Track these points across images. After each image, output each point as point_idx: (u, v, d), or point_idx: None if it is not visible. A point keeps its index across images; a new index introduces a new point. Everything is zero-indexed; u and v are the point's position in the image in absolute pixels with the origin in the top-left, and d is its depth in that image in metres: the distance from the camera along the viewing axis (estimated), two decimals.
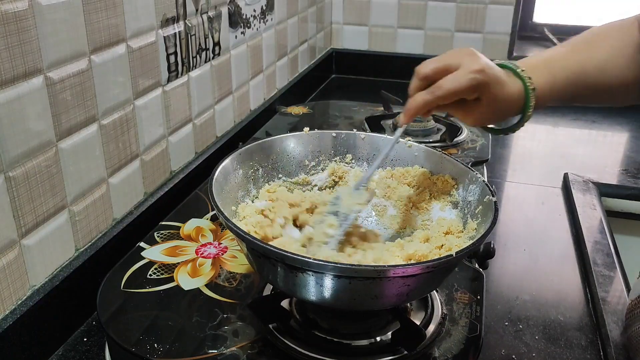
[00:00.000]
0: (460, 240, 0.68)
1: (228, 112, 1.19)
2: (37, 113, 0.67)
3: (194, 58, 1.02)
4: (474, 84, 0.66)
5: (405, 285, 0.58)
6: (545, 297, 0.82)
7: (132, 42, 0.84)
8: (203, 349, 0.65)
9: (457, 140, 1.21)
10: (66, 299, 0.74)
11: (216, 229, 0.88)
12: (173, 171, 1.00)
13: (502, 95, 0.68)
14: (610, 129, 1.48)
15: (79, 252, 0.78)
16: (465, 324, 0.71)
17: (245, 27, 1.20)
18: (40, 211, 0.70)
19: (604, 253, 0.92)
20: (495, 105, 0.68)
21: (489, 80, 0.66)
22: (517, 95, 0.69)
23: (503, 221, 1.03)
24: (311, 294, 0.60)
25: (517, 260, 0.92)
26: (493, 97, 0.67)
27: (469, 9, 1.69)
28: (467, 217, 0.71)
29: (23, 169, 0.67)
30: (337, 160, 0.82)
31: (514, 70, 0.69)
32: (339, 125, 1.29)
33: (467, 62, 0.66)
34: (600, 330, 0.76)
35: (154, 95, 0.91)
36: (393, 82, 1.79)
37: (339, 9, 1.80)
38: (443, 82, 0.66)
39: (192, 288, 0.75)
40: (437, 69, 0.67)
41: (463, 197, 0.73)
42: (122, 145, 0.85)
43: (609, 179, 1.19)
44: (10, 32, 0.62)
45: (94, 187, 0.79)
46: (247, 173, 0.76)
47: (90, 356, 0.72)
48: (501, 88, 0.68)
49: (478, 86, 0.66)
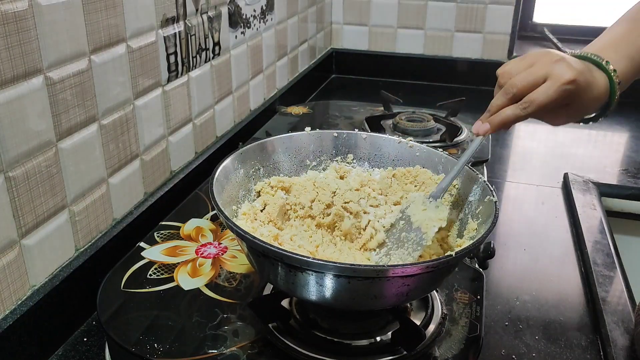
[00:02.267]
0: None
1: (228, 112, 1.19)
2: (37, 113, 0.67)
3: (194, 58, 1.02)
4: (566, 96, 0.64)
5: (405, 285, 0.58)
6: (545, 297, 0.82)
7: (132, 42, 0.84)
8: (203, 349, 0.65)
9: (457, 140, 1.21)
10: (66, 299, 0.74)
11: (216, 229, 0.88)
12: (173, 171, 1.00)
13: (592, 97, 0.66)
14: (610, 129, 1.48)
15: (79, 252, 0.78)
16: (465, 324, 0.71)
17: (245, 27, 1.20)
18: (40, 211, 0.70)
19: (604, 253, 0.92)
20: (583, 107, 0.67)
21: (581, 88, 0.64)
22: (604, 91, 0.67)
23: (503, 221, 1.03)
24: (311, 294, 0.60)
25: (517, 260, 0.92)
26: (582, 101, 0.66)
27: (469, 9, 1.69)
28: (467, 217, 0.71)
29: (23, 169, 0.67)
30: (339, 160, 0.82)
31: (599, 64, 0.67)
32: (339, 125, 1.29)
33: (557, 72, 0.63)
34: (600, 330, 0.76)
35: (154, 95, 0.91)
36: (393, 82, 1.79)
37: (339, 9, 1.80)
38: (535, 96, 0.63)
39: (192, 288, 0.75)
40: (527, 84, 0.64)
41: (463, 197, 0.73)
42: (122, 145, 0.85)
43: (609, 179, 1.19)
44: (10, 32, 0.62)
45: (94, 187, 0.79)
46: (248, 172, 0.76)
47: (90, 356, 0.72)
48: (591, 91, 0.66)
49: (569, 96, 0.64)
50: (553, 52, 0.66)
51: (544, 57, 0.65)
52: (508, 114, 0.65)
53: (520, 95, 0.65)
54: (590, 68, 0.67)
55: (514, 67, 0.66)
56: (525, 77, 0.64)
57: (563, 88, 0.63)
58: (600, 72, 0.67)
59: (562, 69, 0.63)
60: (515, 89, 0.65)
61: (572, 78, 0.63)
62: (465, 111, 1.33)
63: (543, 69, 0.64)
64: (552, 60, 0.64)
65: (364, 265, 0.59)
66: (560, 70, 0.63)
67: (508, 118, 0.65)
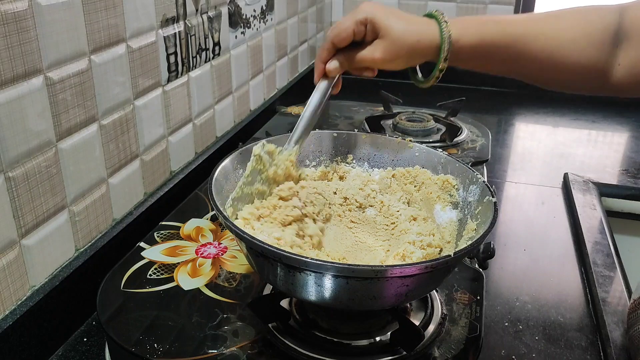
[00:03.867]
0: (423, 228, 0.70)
1: (228, 112, 1.19)
2: (37, 113, 0.67)
3: (194, 58, 1.02)
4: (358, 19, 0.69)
5: (404, 286, 0.58)
6: (545, 298, 0.82)
7: (132, 42, 0.84)
8: (203, 349, 0.65)
9: (457, 140, 1.21)
10: (66, 299, 0.74)
11: (216, 229, 0.88)
12: (173, 171, 1.00)
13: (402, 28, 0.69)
14: (610, 129, 1.48)
15: (79, 252, 0.78)
16: (465, 324, 0.71)
17: (245, 27, 1.20)
18: (40, 211, 0.70)
19: (604, 253, 0.92)
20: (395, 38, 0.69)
21: (375, 13, 0.69)
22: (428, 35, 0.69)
23: (503, 221, 1.03)
24: (310, 294, 0.60)
25: (517, 260, 0.92)
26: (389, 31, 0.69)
27: (469, 9, 1.69)
28: (467, 218, 0.71)
29: (23, 169, 0.67)
30: (338, 160, 0.82)
31: (431, 13, 0.71)
32: (339, 125, 1.29)
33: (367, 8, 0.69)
34: (600, 330, 0.76)
35: (154, 95, 0.91)
36: (393, 82, 1.78)
37: (339, 9, 1.80)
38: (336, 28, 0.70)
39: (192, 288, 0.75)
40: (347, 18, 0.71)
41: (463, 198, 0.73)
42: (122, 145, 0.85)
43: (609, 179, 1.19)
44: (10, 32, 0.62)
45: (94, 187, 0.79)
46: None
47: (90, 356, 0.72)
48: (397, 20, 0.69)
49: (364, 21, 0.69)
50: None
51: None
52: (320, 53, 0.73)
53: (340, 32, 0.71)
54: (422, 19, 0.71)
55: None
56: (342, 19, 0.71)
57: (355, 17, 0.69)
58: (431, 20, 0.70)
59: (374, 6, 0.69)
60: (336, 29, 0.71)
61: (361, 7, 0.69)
62: (465, 111, 1.33)
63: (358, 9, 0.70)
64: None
65: (362, 266, 0.59)
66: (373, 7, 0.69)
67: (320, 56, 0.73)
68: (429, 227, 0.73)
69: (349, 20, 0.70)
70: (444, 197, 0.75)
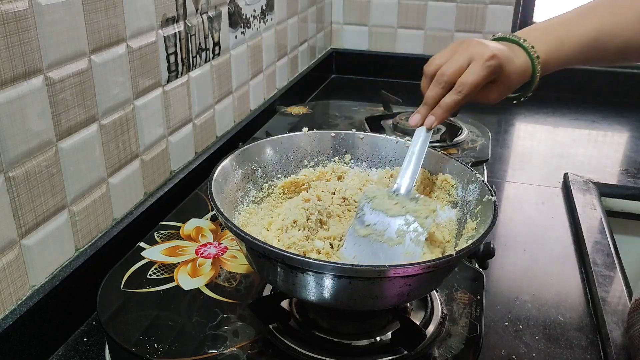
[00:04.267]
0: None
1: (228, 112, 1.19)
2: (37, 113, 0.67)
3: (194, 58, 1.02)
4: (491, 71, 0.69)
5: (406, 285, 0.58)
6: (545, 297, 0.82)
7: (132, 42, 0.84)
8: (203, 349, 0.65)
9: (457, 140, 1.21)
10: (66, 299, 0.74)
11: (216, 229, 0.88)
12: (173, 171, 1.00)
13: (514, 70, 0.72)
14: (610, 129, 1.48)
15: (79, 252, 0.78)
16: (465, 324, 0.71)
17: (245, 27, 1.20)
18: (40, 211, 0.70)
19: (604, 253, 0.92)
20: (509, 81, 0.72)
21: (502, 62, 0.70)
22: (525, 65, 0.73)
23: (503, 221, 1.03)
24: (311, 294, 0.60)
25: (517, 260, 0.92)
26: (507, 75, 0.71)
27: (469, 9, 1.69)
28: (466, 217, 0.71)
29: (23, 169, 0.67)
30: (337, 160, 0.82)
31: (516, 42, 0.73)
32: (339, 125, 1.29)
33: (478, 52, 0.69)
34: (600, 330, 0.76)
35: (154, 95, 0.91)
36: (393, 82, 1.79)
37: (339, 9, 1.80)
38: (465, 78, 0.69)
39: (192, 288, 0.75)
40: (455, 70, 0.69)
41: (462, 197, 0.73)
42: (122, 145, 0.85)
43: (609, 179, 1.19)
44: (10, 32, 0.62)
45: (94, 187, 0.79)
46: (247, 173, 0.76)
47: (90, 356, 0.72)
48: (512, 65, 0.71)
49: (494, 71, 0.70)
50: (471, 39, 0.71)
51: (463, 44, 0.71)
52: (448, 101, 0.70)
53: (451, 82, 0.70)
54: (510, 46, 0.73)
55: (438, 59, 0.71)
56: (452, 64, 0.70)
57: (487, 64, 0.68)
58: (519, 49, 0.73)
59: (481, 48, 0.69)
60: (446, 76, 0.69)
61: (492, 54, 0.69)
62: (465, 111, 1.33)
63: (465, 54, 0.70)
64: (471, 45, 0.70)
65: (365, 266, 0.59)
66: (480, 50, 0.69)
67: (449, 105, 0.70)
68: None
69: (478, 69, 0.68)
70: (442, 196, 0.75)
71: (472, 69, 0.69)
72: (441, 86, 0.70)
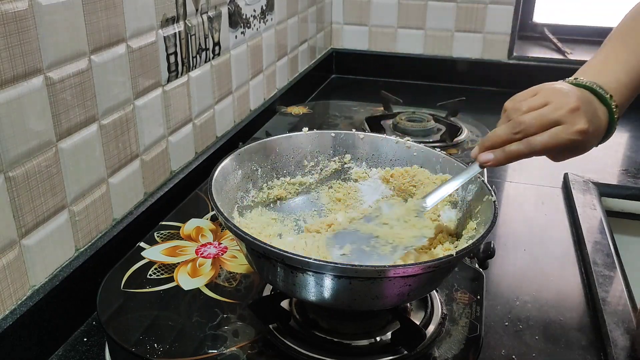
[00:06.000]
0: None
1: (228, 112, 1.19)
2: (37, 113, 0.67)
3: (194, 58, 1.02)
4: (573, 145, 0.63)
5: (406, 285, 0.58)
6: (545, 297, 0.82)
7: (132, 42, 0.84)
8: (203, 349, 0.65)
9: (457, 140, 1.21)
10: (66, 299, 0.74)
11: (216, 229, 0.88)
12: (173, 171, 1.00)
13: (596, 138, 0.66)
14: None
15: (79, 252, 0.78)
16: (465, 324, 0.71)
17: (245, 27, 1.20)
18: (40, 211, 0.70)
19: (604, 253, 0.92)
20: (586, 149, 0.66)
21: (589, 139, 0.64)
22: (605, 127, 0.67)
23: (503, 221, 1.03)
24: (311, 295, 0.60)
25: (517, 260, 0.92)
26: (587, 146, 0.65)
27: (469, 9, 1.69)
28: (466, 217, 0.71)
29: (23, 169, 0.67)
30: (336, 161, 0.82)
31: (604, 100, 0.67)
32: (339, 125, 1.29)
33: (571, 121, 0.62)
34: (600, 330, 0.76)
35: (154, 95, 0.91)
36: (393, 82, 1.79)
37: (339, 9, 1.80)
38: (542, 139, 0.62)
39: (192, 288, 0.75)
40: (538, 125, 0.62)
41: (462, 197, 0.73)
42: (122, 145, 0.85)
43: (609, 179, 1.19)
44: (10, 32, 0.62)
45: (94, 187, 0.79)
46: (247, 173, 0.76)
47: (90, 356, 0.72)
48: (596, 138, 0.65)
49: (576, 146, 0.63)
50: (569, 94, 0.63)
51: (558, 98, 0.63)
52: (512, 150, 0.63)
53: (528, 135, 0.63)
54: (593, 102, 0.66)
55: (524, 102, 0.64)
56: (536, 118, 0.62)
57: (574, 137, 0.62)
58: (602, 108, 0.66)
59: (576, 118, 0.62)
60: (524, 126, 0.63)
61: (585, 129, 0.62)
62: (465, 111, 1.33)
63: (556, 114, 0.62)
64: (568, 107, 0.62)
65: (365, 266, 0.59)
66: (575, 120, 0.62)
67: (511, 155, 0.64)
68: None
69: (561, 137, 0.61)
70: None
71: (556, 132, 0.61)
72: (513, 133, 0.63)
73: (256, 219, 0.75)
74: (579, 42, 1.81)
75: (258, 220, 0.75)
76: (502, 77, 1.71)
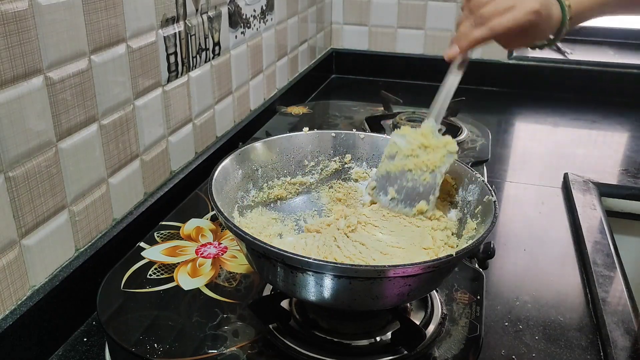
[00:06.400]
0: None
1: (228, 112, 1.19)
2: (37, 113, 0.67)
3: (194, 58, 1.02)
4: (529, 25, 0.69)
5: (406, 285, 0.58)
6: (545, 298, 0.82)
7: (132, 42, 0.84)
8: (203, 349, 0.65)
9: (457, 140, 1.20)
10: (66, 299, 0.74)
11: (216, 229, 0.88)
12: (173, 171, 1.00)
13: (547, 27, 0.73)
14: (610, 129, 1.48)
15: (79, 252, 0.78)
16: (465, 324, 0.71)
17: (245, 27, 1.20)
18: (40, 211, 0.70)
19: (604, 253, 0.92)
20: (537, 36, 0.73)
21: (542, 20, 0.70)
22: (557, 22, 0.73)
23: (503, 221, 1.03)
24: (311, 294, 0.60)
25: (517, 260, 0.92)
26: (539, 30, 0.72)
27: None
28: (466, 217, 0.71)
29: (23, 169, 0.67)
30: (337, 161, 0.82)
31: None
32: (339, 125, 1.29)
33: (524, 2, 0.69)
34: (600, 330, 0.76)
35: (154, 95, 0.91)
36: (393, 82, 1.79)
37: (339, 9, 1.80)
38: (500, 20, 0.69)
39: (192, 288, 0.75)
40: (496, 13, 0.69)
41: (462, 197, 0.73)
42: (122, 145, 0.85)
43: (609, 179, 1.19)
44: (10, 32, 0.62)
45: (94, 187, 0.79)
46: (247, 173, 0.76)
47: (90, 356, 0.72)
48: (548, 22, 0.72)
49: (531, 26, 0.70)
50: None
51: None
52: (475, 35, 0.71)
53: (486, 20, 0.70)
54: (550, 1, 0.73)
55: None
56: (494, 7, 0.70)
57: (527, 17, 0.69)
58: (556, 5, 0.73)
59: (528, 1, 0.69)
60: (485, 17, 0.70)
61: (537, 9, 0.69)
62: (465, 111, 1.33)
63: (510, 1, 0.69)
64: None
65: (364, 266, 0.59)
66: (527, 2, 0.69)
67: (475, 38, 0.71)
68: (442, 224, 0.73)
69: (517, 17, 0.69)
70: (442, 196, 0.75)
71: (512, 14, 0.68)
72: (475, 22, 0.71)
73: (256, 219, 0.75)
74: (579, 42, 1.81)
75: (258, 220, 0.75)
76: (502, 77, 1.71)
